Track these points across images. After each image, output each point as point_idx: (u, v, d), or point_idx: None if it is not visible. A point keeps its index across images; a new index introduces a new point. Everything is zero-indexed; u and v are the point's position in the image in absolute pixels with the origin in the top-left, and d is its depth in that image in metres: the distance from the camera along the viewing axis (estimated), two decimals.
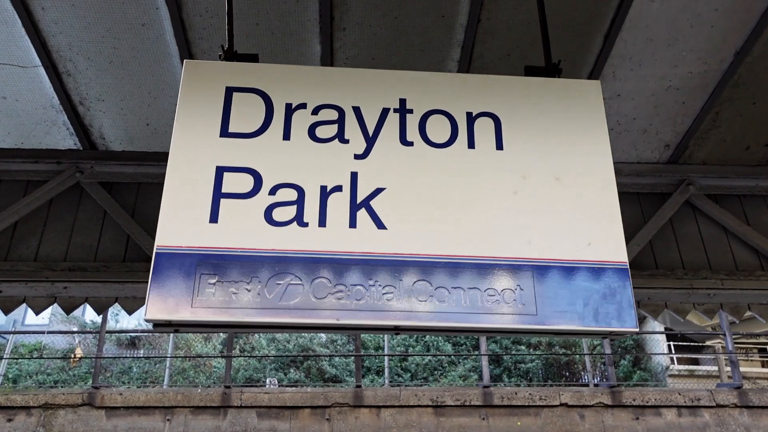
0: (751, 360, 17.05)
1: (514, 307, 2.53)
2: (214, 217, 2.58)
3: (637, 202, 4.83)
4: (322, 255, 2.56)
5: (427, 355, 17.92)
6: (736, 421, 8.81)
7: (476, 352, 16.59)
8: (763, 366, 16.90)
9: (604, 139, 2.94)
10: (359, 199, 2.70)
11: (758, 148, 4.76)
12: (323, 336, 19.95)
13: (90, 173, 4.63)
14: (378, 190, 2.73)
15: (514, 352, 18.17)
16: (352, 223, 2.64)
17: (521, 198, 2.77)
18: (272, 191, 2.67)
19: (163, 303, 2.39)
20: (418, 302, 2.51)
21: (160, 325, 2.44)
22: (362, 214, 2.67)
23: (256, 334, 19.96)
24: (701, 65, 4.18)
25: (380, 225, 2.65)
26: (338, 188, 2.71)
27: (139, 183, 4.71)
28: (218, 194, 2.63)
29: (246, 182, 2.68)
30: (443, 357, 18.03)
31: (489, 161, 2.85)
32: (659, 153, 4.80)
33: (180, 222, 2.56)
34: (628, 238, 4.66)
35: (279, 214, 2.63)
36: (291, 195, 2.67)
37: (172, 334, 17.88)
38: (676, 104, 4.43)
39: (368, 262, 2.57)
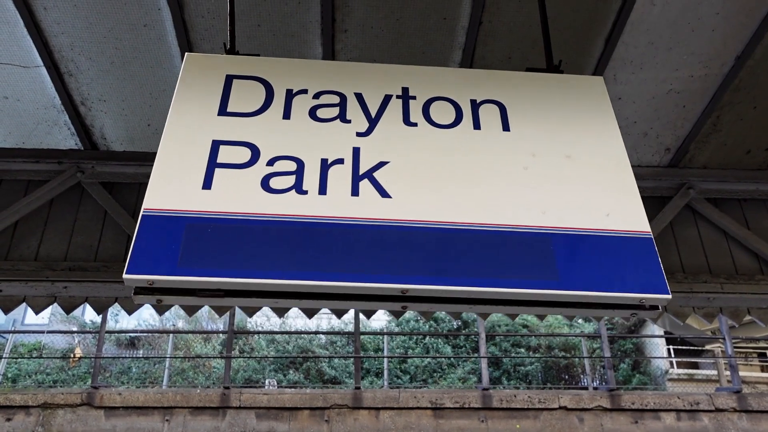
0: (751, 364, 17.04)
1: (533, 274, 2.35)
2: (207, 184, 2.46)
3: None
4: (322, 220, 2.41)
5: (427, 357, 17.91)
6: (735, 425, 8.80)
7: (475, 355, 16.58)
8: (762, 370, 16.89)
9: (612, 124, 2.89)
10: (362, 171, 2.58)
11: (759, 152, 4.76)
12: (323, 337, 19.94)
13: (91, 173, 4.63)
14: (381, 163, 2.63)
15: (513, 355, 18.16)
16: (355, 192, 2.51)
17: (532, 173, 2.68)
18: (270, 162, 2.56)
19: (145, 264, 2.21)
20: (426, 269, 2.34)
21: (142, 293, 2.23)
22: (365, 184, 2.55)
23: (255, 335, 19.96)
24: (702, 69, 4.18)
25: (384, 194, 2.52)
26: (339, 161, 2.60)
27: (140, 183, 4.71)
28: (213, 164, 2.52)
29: (243, 154, 2.58)
30: (443, 359, 18.02)
31: (496, 141, 2.77)
32: (660, 156, 4.80)
33: (170, 188, 2.43)
34: None
35: (276, 183, 2.50)
36: (290, 166, 2.57)
37: (171, 335, 17.87)
38: (677, 108, 4.43)
39: (372, 228, 2.41)
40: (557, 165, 2.72)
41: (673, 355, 17.63)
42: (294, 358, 18.45)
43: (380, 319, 20.20)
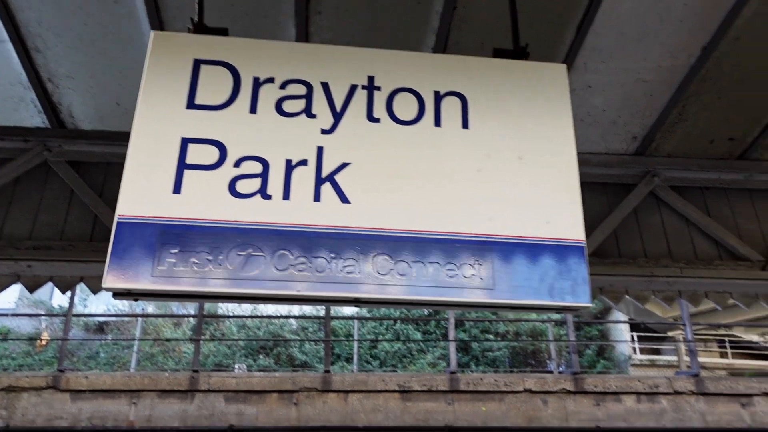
0: (710, 350, 17.55)
1: (473, 281, 2.59)
2: (177, 188, 2.59)
3: (604, 192, 4.93)
4: (284, 228, 2.58)
5: (396, 342, 18.05)
6: (692, 407, 9.08)
7: (444, 340, 16.74)
8: (721, 357, 17.40)
9: (567, 122, 3.00)
10: (324, 174, 2.72)
11: (722, 142, 4.88)
12: (294, 323, 19.95)
13: (58, 152, 4.56)
14: (343, 165, 2.76)
15: (481, 339, 18.40)
16: (317, 197, 2.67)
17: (485, 176, 2.83)
18: (237, 164, 2.68)
19: (122, 272, 2.41)
20: (378, 275, 2.56)
21: (120, 294, 2.46)
22: (326, 188, 2.70)
23: (226, 321, 19.89)
24: (670, 59, 4.26)
25: (344, 199, 2.69)
26: (303, 162, 2.73)
27: (108, 163, 4.66)
28: (182, 165, 2.64)
29: (211, 154, 2.68)
30: (413, 345, 18.18)
31: (454, 139, 2.90)
32: (627, 144, 4.89)
33: (142, 192, 2.56)
34: (594, 226, 4.76)
35: (243, 187, 2.64)
36: (256, 168, 2.69)
37: (140, 320, 17.70)
38: (645, 97, 4.51)
39: (331, 235, 2.60)
40: (509, 167, 2.87)
41: (635, 341, 18.04)
42: (264, 344, 18.43)
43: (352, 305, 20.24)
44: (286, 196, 2.64)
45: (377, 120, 2.89)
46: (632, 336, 18.03)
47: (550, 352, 17.61)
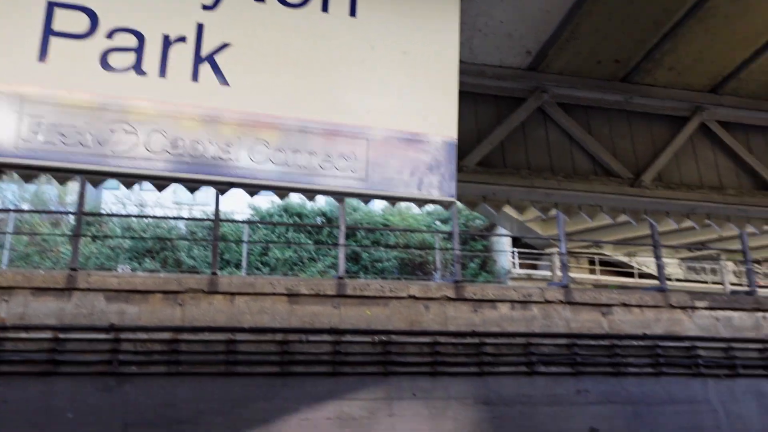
0: (581, 267, 18.99)
1: (346, 172, 2.65)
2: (42, 56, 2.39)
3: (495, 104, 5.03)
4: (159, 106, 2.47)
5: (284, 245, 18.15)
6: (560, 314, 9.88)
7: (335, 245, 17.00)
8: (590, 273, 18.91)
9: (454, 19, 3.01)
10: (203, 53, 2.60)
11: (608, 63, 5.06)
12: (182, 227, 19.50)
13: None
14: (224, 45, 2.64)
15: (369, 247, 18.87)
16: (194, 77, 2.56)
17: (367, 68, 2.81)
18: (109, 35, 2.49)
19: None
20: (254, 161, 2.54)
21: None
22: (205, 68, 2.58)
23: (110, 222, 19.11)
24: None
25: (223, 81, 2.59)
26: (182, 39, 2.58)
27: None
28: (48, 31, 2.42)
29: (80, 21, 2.47)
30: (303, 253, 18.36)
31: (341, 27, 2.83)
32: (521, 59, 4.96)
33: (4, 59, 2.35)
34: (483, 137, 4.88)
35: (115, 60, 2.48)
36: (130, 41, 2.51)
37: (13, 216, 16.63)
38: (541, 12, 4.54)
39: (208, 117, 2.52)
40: (392, 61, 2.85)
41: (515, 257, 19.18)
42: (151, 247, 17.95)
43: (244, 213, 20.04)
44: (162, 73, 2.51)
45: (263, 0, 2.75)
46: (513, 252, 19.12)
47: (436, 264, 18.39)
